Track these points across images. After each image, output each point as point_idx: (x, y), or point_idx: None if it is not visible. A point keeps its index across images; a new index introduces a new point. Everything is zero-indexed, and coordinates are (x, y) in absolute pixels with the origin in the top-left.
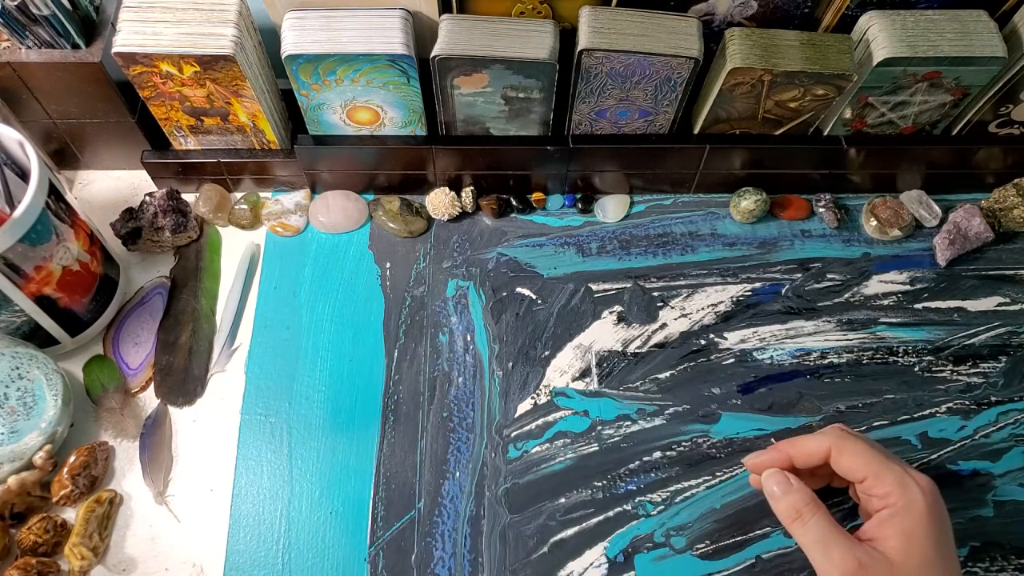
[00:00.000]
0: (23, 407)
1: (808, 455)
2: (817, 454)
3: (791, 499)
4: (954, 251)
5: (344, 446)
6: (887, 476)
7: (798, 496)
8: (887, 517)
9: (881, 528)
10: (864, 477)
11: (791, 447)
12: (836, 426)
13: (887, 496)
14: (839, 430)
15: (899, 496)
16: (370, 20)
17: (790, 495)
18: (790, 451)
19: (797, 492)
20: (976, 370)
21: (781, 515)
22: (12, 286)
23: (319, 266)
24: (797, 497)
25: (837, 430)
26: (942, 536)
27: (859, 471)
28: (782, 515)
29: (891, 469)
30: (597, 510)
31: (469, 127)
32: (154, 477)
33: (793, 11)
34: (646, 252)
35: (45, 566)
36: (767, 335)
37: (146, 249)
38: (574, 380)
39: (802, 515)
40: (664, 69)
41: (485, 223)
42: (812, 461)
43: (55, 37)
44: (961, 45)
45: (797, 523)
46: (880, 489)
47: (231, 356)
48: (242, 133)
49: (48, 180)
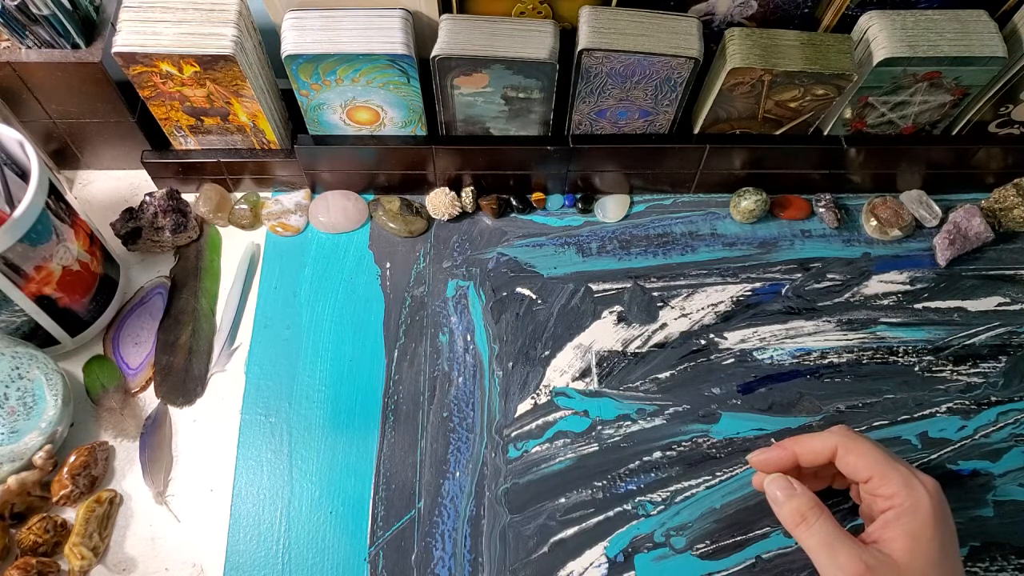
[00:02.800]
0: (23, 407)
1: (814, 453)
2: (823, 453)
3: (795, 503)
4: (954, 251)
5: (344, 446)
6: (893, 476)
7: (802, 500)
8: (893, 519)
9: (887, 530)
10: (869, 477)
11: (797, 445)
12: (841, 426)
13: (893, 497)
14: (845, 429)
15: (905, 497)
16: (370, 20)
17: (794, 499)
18: (796, 449)
19: (801, 496)
20: (976, 370)
21: (785, 519)
22: (12, 286)
23: (319, 266)
24: (801, 501)
25: (843, 429)
26: (947, 538)
27: (865, 471)
28: (786, 519)
29: (897, 470)
30: (597, 510)
31: (469, 127)
32: (154, 477)
33: (793, 11)
34: (646, 252)
35: (45, 566)
36: (767, 335)
37: (146, 249)
38: (574, 380)
39: (807, 519)
40: (664, 69)
41: (485, 223)
42: (818, 460)
43: (55, 37)
44: (961, 45)
45: (802, 527)
46: (886, 490)
47: (231, 356)
48: (242, 133)
49: (48, 180)
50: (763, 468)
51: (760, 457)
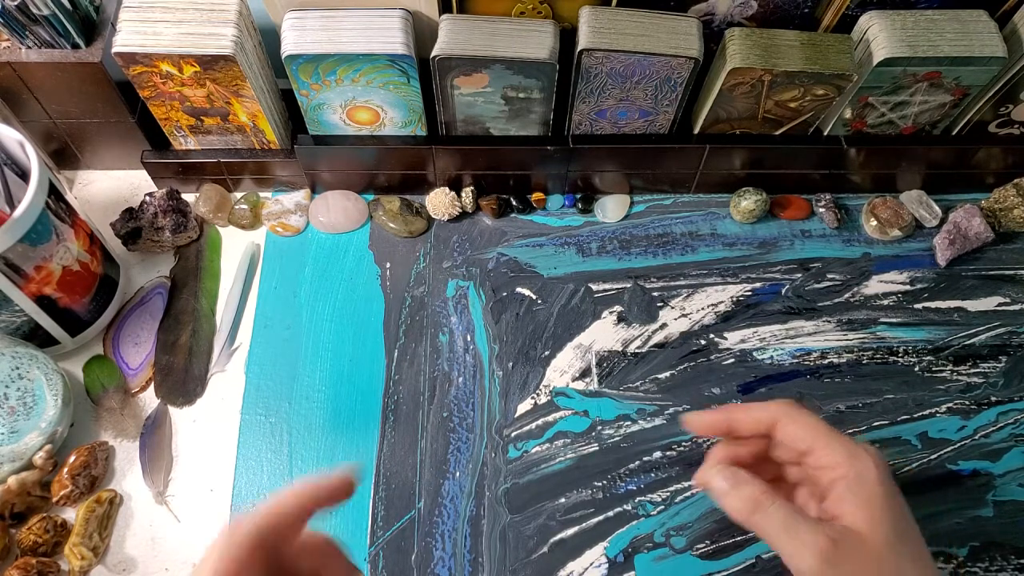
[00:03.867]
0: (23, 407)
1: (754, 421)
2: (764, 421)
3: (747, 489)
4: (954, 251)
5: (344, 446)
6: (836, 446)
7: (753, 486)
8: (844, 490)
9: (841, 504)
10: (811, 447)
11: (736, 411)
12: (784, 399)
13: (838, 467)
14: (788, 402)
15: (850, 466)
16: (370, 20)
17: (744, 486)
18: (735, 415)
19: (751, 482)
20: (976, 370)
21: (736, 510)
22: (12, 286)
23: (319, 266)
24: (752, 487)
25: (786, 402)
26: (900, 502)
27: (807, 440)
28: (739, 509)
29: (840, 439)
30: (597, 510)
31: (469, 127)
32: (154, 477)
33: (793, 11)
34: (646, 252)
35: (45, 566)
36: (767, 335)
37: (146, 249)
38: (574, 380)
39: (761, 503)
40: (664, 69)
41: (485, 223)
42: (757, 428)
43: (55, 37)
44: (961, 45)
45: (758, 513)
46: (830, 459)
47: (231, 356)
48: (242, 133)
49: (48, 180)
50: (697, 428)
51: (696, 419)
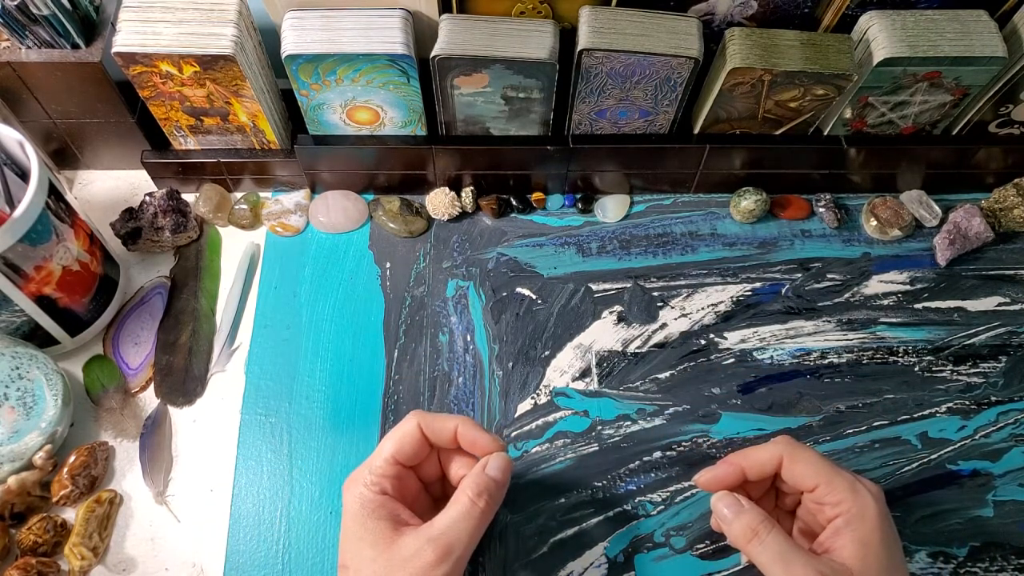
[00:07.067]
0: (23, 407)
1: (761, 464)
2: (770, 463)
3: (745, 519)
4: (954, 251)
5: (344, 446)
6: (839, 483)
7: (752, 515)
8: (842, 525)
9: (837, 538)
10: (816, 485)
11: (743, 459)
12: (784, 436)
13: (840, 504)
14: (788, 439)
15: (852, 503)
16: (370, 20)
17: (743, 515)
18: (742, 463)
19: (750, 511)
20: (976, 370)
21: (736, 537)
22: (12, 286)
23: (319, 266)
24: (751, 516)
25: (786, 439)
26: (894, 541)
27: (812, 479)
28: (737, 537)
29: (843, 476)
30: (597, 510)
31: (469, 127)
32: (154, 477)
33: (793, 11)
34: (646, 252)
35: (45, 566)
36: (767, 335)
37: (146, 249)
38: (574, 380)
39: (758, 534)
40: (664, 69)
41: (485, 223)
42: (765, 471)
43: (55, 37)
44: (961, 45)
45: (754, 543)
46: (833, 497)
47: (231, 356)
48: (242, 133)
49: (48, 180)
50: (712, 487)
51: (708, 476)
